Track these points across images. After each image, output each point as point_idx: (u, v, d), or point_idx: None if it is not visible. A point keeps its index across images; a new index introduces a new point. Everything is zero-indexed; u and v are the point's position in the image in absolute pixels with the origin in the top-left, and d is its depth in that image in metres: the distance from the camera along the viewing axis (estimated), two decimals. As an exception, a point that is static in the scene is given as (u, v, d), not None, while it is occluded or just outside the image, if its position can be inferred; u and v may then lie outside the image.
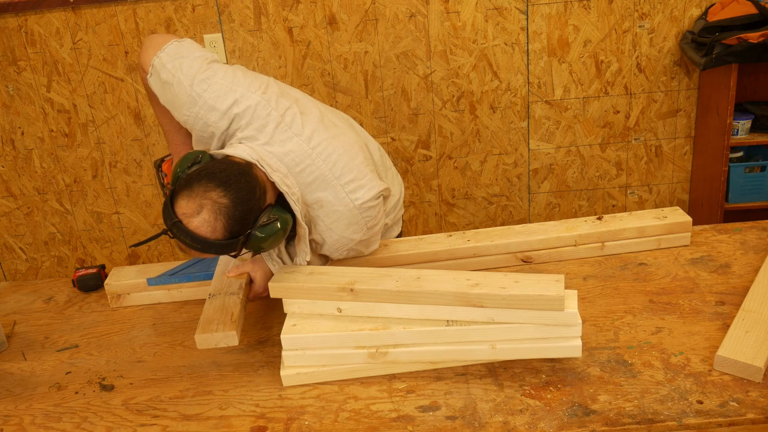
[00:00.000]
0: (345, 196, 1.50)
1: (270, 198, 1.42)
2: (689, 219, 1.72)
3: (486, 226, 1.79)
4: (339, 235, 1.54)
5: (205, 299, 1.53)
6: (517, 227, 1.76)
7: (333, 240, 1.55)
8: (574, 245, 1.71)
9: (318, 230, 1.54)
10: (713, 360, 1.28)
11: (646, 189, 3.12)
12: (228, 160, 1.40)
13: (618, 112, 2.97)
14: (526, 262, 1.71)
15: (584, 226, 1.73)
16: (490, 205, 3.16)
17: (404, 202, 2.14)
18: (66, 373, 1.51)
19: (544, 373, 1.32)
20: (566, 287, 1.29)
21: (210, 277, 1.66)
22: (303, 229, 1.49)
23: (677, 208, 1.77)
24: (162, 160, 1.79)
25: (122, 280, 1.74)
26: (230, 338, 1.37)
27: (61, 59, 2.91)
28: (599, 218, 1.76)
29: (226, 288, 1.53)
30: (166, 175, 1.77)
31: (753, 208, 2.86)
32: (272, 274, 1.53)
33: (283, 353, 1.37)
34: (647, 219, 1.73)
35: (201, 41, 2.87)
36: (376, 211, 1.56)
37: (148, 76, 1.57)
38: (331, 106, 2.15)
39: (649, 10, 2.80)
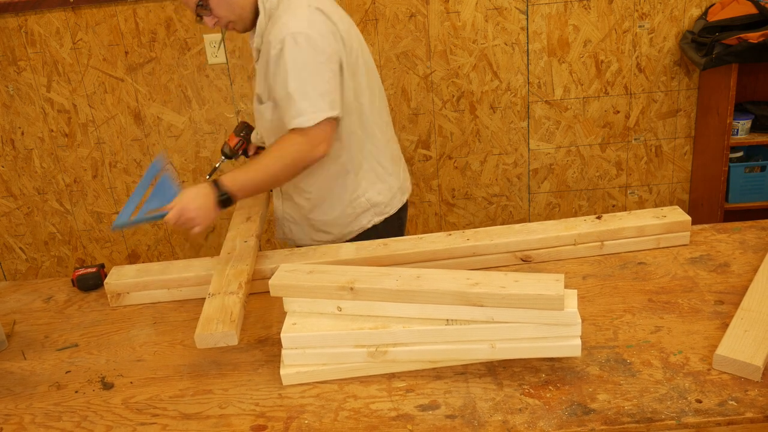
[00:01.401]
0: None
1: None
2: (688, 218, 1.72)
3: (486, 226, 1.79)
4: (282, 24, 1.63)
5: (204, 298, 1.53)
6: (517, 226, 1.76)
7: (277, 31, 1.63)
8: (574, 244, 1.71)
9: (270, 25, 1.68)
10: (712, 359, 1.28)
11: (646, 189, 3.12)
12: None
13: (618, 112, 2.97)
14: (526, 261, 1.71)
15: (583, 225, 1.73)
16: (490, 205, 3.16)
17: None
18: (66, 372, 1.51)
19: (543, 372, 1.32)
20: (565, 286, 1.29)
21: (168, 201, 1.66)
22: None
23: (676, 207, 1.77)
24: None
25: (122, 279, 1.74)
26: (230, 337, 1.37)
27: (61, 59, 2.92)
28: (598, 217, 1.76)
29: (225, 287, 1.53)
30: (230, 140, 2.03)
31: (753, 208, 2.86)
32: (194, 206, 1.60)
33: (283, 352, 1.37)
34: (646, 218, 1.73)
35: (201, 41, 2.88)
36: (322, 24, 1.64)
37: None
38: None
39: (649, 10, 2.80)
